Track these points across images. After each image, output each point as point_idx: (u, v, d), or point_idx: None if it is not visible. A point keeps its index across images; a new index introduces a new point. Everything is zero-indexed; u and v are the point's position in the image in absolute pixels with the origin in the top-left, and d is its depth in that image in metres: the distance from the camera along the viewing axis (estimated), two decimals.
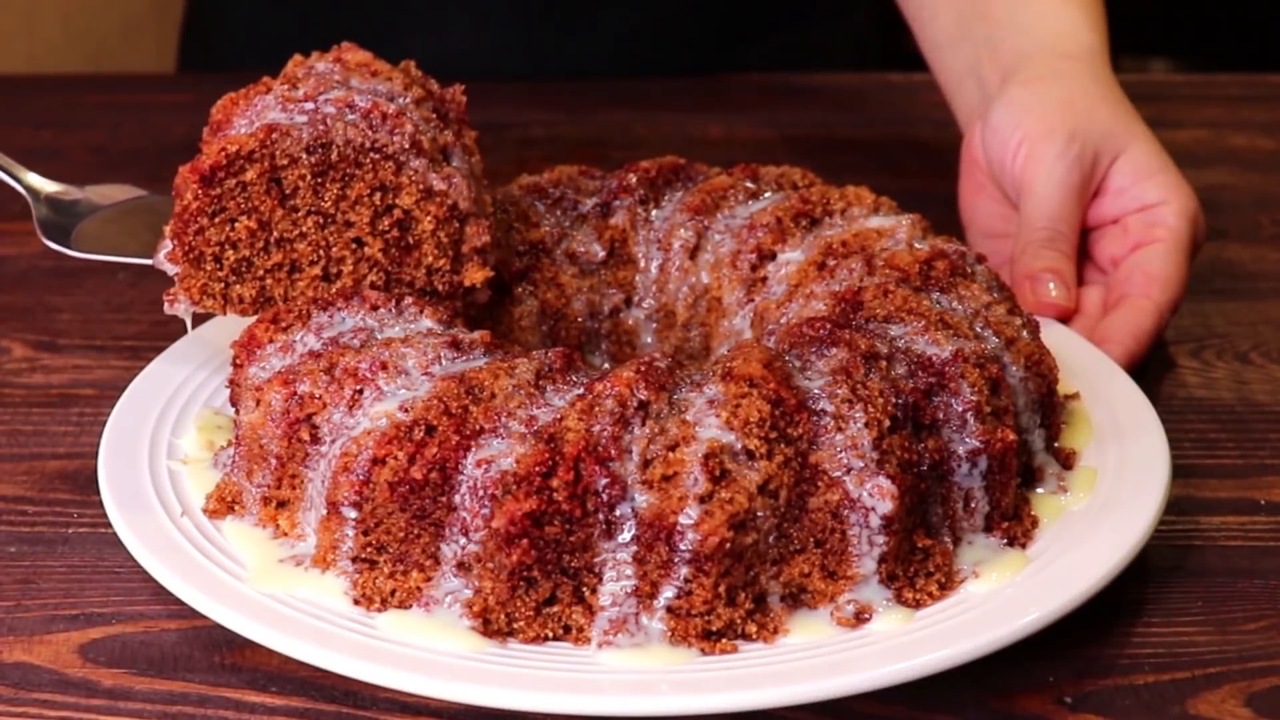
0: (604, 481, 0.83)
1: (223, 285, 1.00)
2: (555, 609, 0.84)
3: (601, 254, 1.09)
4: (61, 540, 0.96)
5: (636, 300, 1.09)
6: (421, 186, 0.99)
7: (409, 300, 0.96)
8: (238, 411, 0.94)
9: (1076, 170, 1.19)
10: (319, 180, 0.98)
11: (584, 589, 0.84)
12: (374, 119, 0.98)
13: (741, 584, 0.84)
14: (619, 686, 0.81)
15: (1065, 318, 1.15)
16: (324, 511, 0.88)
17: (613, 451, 0.84)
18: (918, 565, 0.87)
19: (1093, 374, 1.06)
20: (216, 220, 0.98)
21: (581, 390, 0.88)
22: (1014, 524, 0.92)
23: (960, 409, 0.90)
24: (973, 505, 0.90)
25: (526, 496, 0.82)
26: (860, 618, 0.85)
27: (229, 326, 1.08)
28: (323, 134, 0.97)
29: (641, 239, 1.09)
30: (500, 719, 0.82)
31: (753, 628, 0.84)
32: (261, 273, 1.00)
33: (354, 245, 1.00)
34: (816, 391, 0.87)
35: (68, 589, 0.92)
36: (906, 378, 0.89)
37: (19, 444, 1.07)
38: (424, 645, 0.83)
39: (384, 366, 0.89)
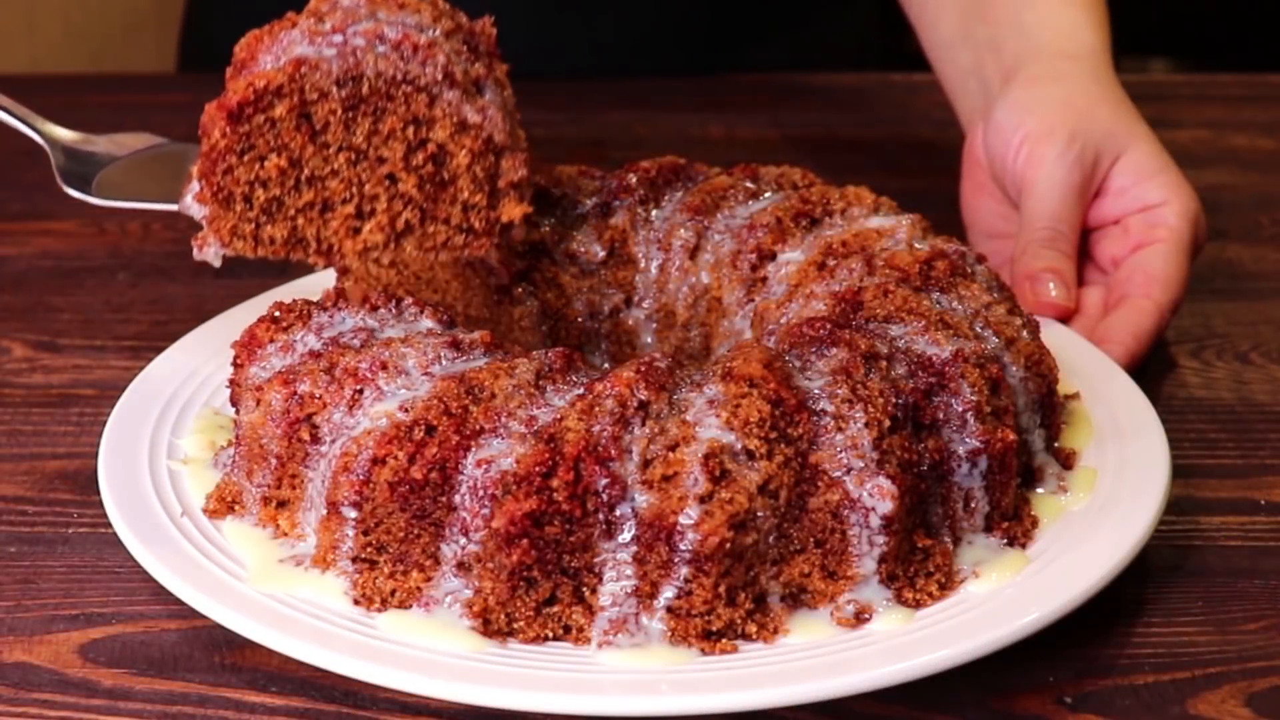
0: (604, 481, 0.83)
1: (253, 226, 0.97)
2: (555, 609, 0.84)
3: (601, 254, 1.09)
4: (61, 540, 0.96)
5: (636, 300, 1.09)
6: (456, 119, 0.96)
7: (409, 301, 0.96)
8: (238, 411, 0.94)
9: (1077, 170, 1.19)
10: (350, 114, 0.95)
11: (584, 589, 0.84)
12: (405, 50, 0.95)
13: (741, 584, 0.84)
14: (619, 686, 0.81)
15: (1065, 318, 1.15)
16: (324, 511, 0.88)
17: (613, 451, 0.84)
18: (918, 565, 0.87)
19: (1093, 374, 1.06)
20: (245, 159, 0.96)
21: (581, 390, 0.88)
22: (1014, 524, 0.92)
23: (960, 409, 0.90)
24: (973, 505, 0.90)
25: (526, 496, 0.82)
26: (860, 618, 0.85)
27: (229, 326, 1.08)
28: (353, 66, 0.95)
29: (641, 239, 1.09)
30: (500, 719, 0.82)
31: (753, 628, 0.84)
32: (293, 212, 0.97)
33: (387, 182, 0.97)
34: (816, 391, 0.87)
35: (68, 589, 0.92)
36: (906, 378, 0.89)
37: (19, 444, 1.07)
38: (424, 645, 0.83)
39: (384, 366, 0.89)
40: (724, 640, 0.84)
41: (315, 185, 0.97)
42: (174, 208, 1.00)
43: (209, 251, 0.98)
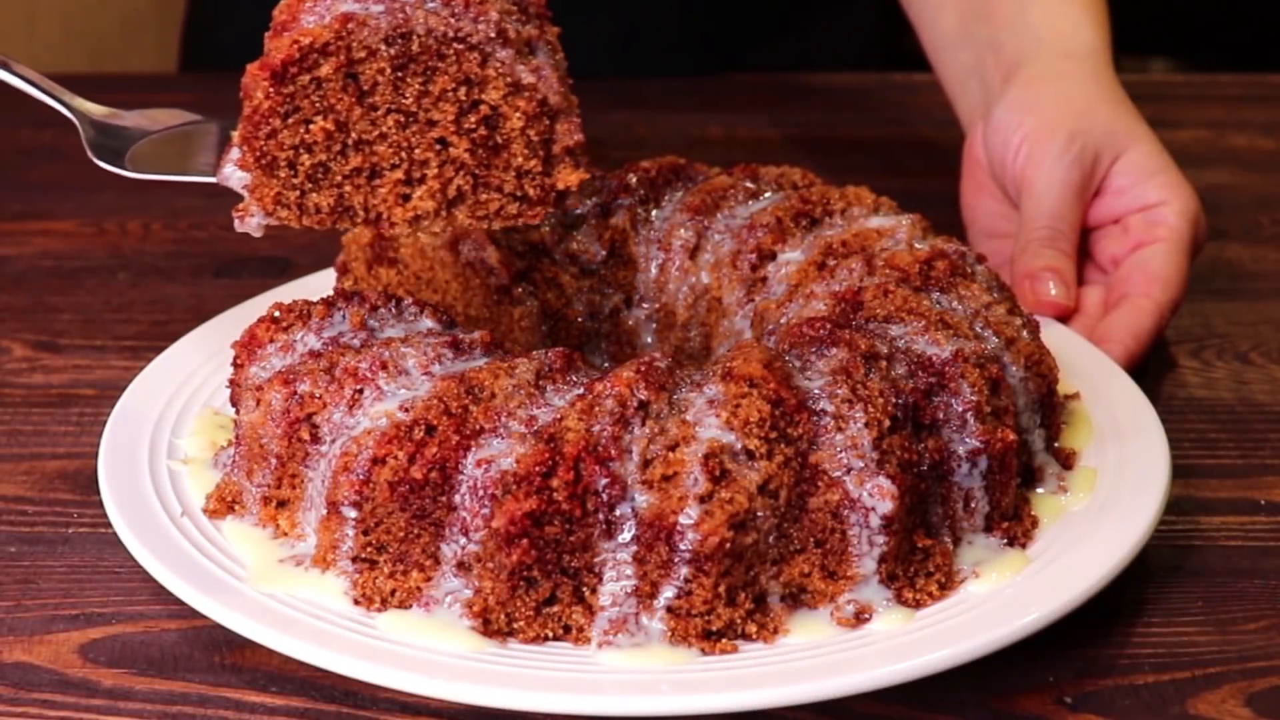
0: (604, 481, 0.83)
1: (298, 194, 0.92)
2: (555, 609, 0.84)
3: (601, 254, 1.09)
4: (61, 540, 0.96)
5: (636, 300, 1.09)
6: (509, 80, 0.91)
7: (409, 301, 0.96)
8: (238, 411, 0.94)
9: (1077, 170, 1.19)
10: (399, 74, 0.90)
11: (584, 589, 0.84)
12: (456, 6, 0.91)
13: (741, 584, 0.84)
14: (619, 686, 0.81)
15: (1065, 317, 1.15)
16: (324, 511, 0.88)
17: (613, 451, 0.84)
18: (918, 565, 0.87)
19: (1093, 374, 1.06)
20: (290, 121, 0.91)
21: (581, 390, 0.88)
22: (1014, 524, 0.92)
23: (960, 409, 0.90)
24: (973, 505, 0.90)
25: (526, 496, 0.82)
26: (860, 618, 0.85)
27: (229, 326, 1.08)
28: (402, 23, 0.90)
29: (641, 239, 1.09)
30: (500, 719, 0.82)
31: (753, 628, 0.84)
32: (339, 179, 0.92)
33: (438, 146, 0.92)
34: (816, 391, 0.87)
35: (68, 589, 0.92)
36: (906, 378, 0.89)
37: (19, 444, 1.07)
38: (424, 645, 0.83)
39: (384, 366, 0.89)
40: (724, 640, 0.84)
41: (363, 150, 0.92)
42: (211, 179, 0.95)
43: (251, 222, 0.93)
